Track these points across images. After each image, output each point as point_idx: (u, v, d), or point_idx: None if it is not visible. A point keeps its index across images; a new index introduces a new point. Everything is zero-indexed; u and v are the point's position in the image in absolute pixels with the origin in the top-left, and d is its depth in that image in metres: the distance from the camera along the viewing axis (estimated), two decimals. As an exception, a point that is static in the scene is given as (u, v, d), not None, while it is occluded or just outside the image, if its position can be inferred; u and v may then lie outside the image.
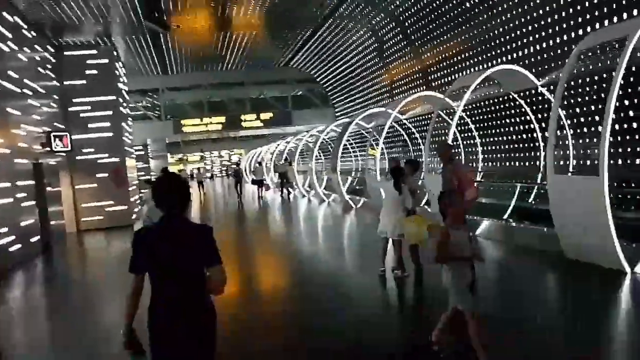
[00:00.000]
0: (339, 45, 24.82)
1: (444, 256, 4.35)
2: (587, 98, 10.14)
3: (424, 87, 18.51)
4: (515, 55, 12.86)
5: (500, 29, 13.29)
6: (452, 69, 16.31)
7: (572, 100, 10.45)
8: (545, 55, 11.65)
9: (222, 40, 23.73)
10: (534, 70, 11.37)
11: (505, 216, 11.95)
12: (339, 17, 21.97)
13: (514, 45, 12.90)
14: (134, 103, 27.87)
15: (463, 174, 6.55)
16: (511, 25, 12.85)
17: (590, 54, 8.53)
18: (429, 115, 17.48)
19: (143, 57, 23.59)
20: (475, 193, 6.44)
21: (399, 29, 19.71)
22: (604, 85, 9.61)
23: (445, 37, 16.48)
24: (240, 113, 29.16)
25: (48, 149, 14.75)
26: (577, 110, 10.48)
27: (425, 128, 18.53)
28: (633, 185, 9.42)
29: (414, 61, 19.38)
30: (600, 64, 9.29)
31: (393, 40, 20.69)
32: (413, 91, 19.02)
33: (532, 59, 12.12)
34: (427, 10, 17.20)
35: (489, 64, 13.74)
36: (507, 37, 13.05)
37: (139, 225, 7.16)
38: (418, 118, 18.78)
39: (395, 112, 13.73)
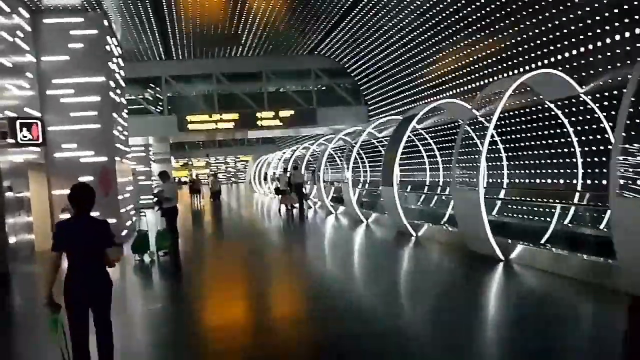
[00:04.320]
0: (377, 28, 21.41)
1: None
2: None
3: (492, 78, 14.94)
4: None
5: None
6: (546, 49, 12.50)
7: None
8: None
9: (238, 18, 20.44)
10: None
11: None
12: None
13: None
14: (132, 95, 24.66)
15: None
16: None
17: None
18: (521, 110, 13.74)
19: (142, 33, 20.27)
20: None
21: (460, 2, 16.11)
22: None
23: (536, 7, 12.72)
24: (256, 110, 25.74)
25: (11, 140, 11.41)
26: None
27: (511, 127, 14.72)
28: None
29: (478, 46, 15.74)
30: None
31: (453, 18, 17.10)
32: (475, 83, 15.45)
33: None
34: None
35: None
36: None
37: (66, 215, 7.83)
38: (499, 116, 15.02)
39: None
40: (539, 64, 12.66)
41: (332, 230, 16.96)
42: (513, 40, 13.65)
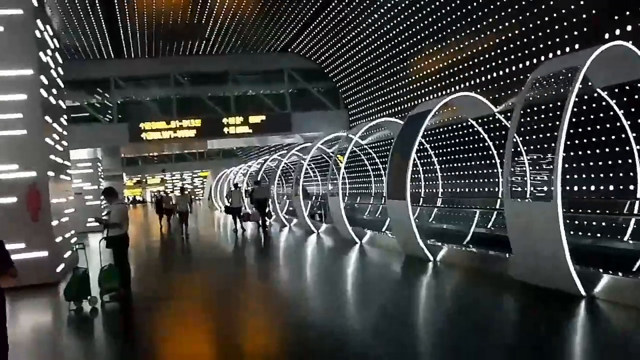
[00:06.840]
0: (357, 22, 19.07)
1: None
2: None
3: (487, 75, 12.88)
4: None
5: None
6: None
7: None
8: None
9: (200, 9, 17.73)
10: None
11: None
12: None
13: None
14: (76, 101, 21.52)
15: None
16: None
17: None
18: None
19: (86, 24, 17.30)
20: None
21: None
22: None
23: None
24: (221, 116, 22.93)
25: None
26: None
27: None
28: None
29: (471, 41, 13.76)
30: None
31: (442, 11, 14.93)
32: (470, 82, 13.33)
33: None
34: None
35: None
36: None
37: None
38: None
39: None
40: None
41: (322, 256, 14.34)
42: (509, 35, 12.30)
